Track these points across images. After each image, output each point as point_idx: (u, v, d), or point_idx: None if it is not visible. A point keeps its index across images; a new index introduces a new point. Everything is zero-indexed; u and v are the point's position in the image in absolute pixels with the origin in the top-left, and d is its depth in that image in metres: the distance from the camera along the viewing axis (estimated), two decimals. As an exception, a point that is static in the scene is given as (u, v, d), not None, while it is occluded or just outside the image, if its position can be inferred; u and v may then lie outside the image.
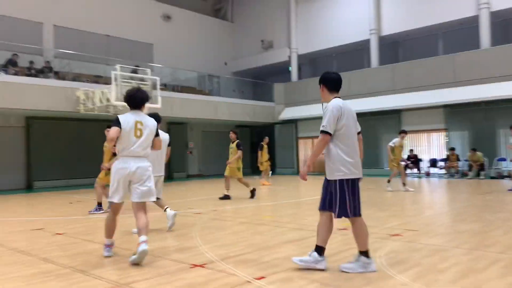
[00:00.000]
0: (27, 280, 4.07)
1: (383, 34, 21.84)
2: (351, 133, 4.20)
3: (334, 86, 4.36)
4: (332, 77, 4.39)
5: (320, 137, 4.13)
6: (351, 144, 4.18)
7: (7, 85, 14.93)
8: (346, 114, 4.17)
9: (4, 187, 16.96)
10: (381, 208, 8.67)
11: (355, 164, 4.16)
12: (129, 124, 4.80)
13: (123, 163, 4.80)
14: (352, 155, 4.16)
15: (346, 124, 4.14)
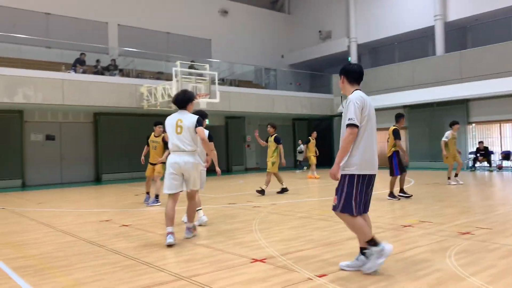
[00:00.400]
0: (96, 271, 4.25)
1: (449, 19, 20.65)
2: (371, 128, 3.98)
3: (356, 78, 4.13)
4: (353, 68, 4.16)
5: (348, 131, 3.86)
6: (370, 138, 3.96)
7: (76, 83, 15.81)
8: (368, 107, 3.95)
9: (76, 179, 18.06)
10: (449, 204, 8.22)
11: (370, 160, 3.94)
12: (171, 124, 5.48)
13: (172, 157, 5.45)
14: (368, 150, 3.94)
15: (367, 117, 3.94)
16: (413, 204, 8.51)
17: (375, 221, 6.50)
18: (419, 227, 6.00)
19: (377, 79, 22.58)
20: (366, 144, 3.92)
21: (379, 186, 11.74)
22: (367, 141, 3.94)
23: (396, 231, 5.75)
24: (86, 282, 3.87)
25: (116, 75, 17.87)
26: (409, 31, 22.27)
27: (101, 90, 16.34)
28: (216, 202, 9.73)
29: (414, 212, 7.37)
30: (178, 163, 5.38)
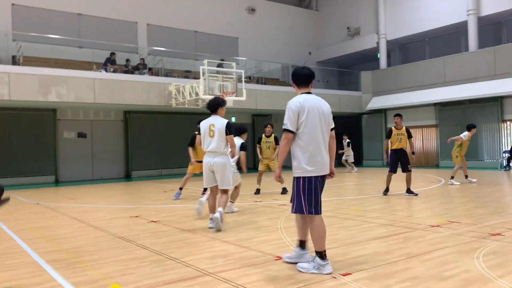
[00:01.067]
0: (126, 265, 4.38)
1: (483, 14, 20.01)
2: (313, 131, 4.01)
3: (303, 81, 4.21)
4: (298, 72, 4.25)
5: (283, 136, 4.02)
6: (313, 141, 4.00)
7: (107, 82, 16.21)
8: (308, 110, 4.00)
9: (106, 176, 18.54)
10: (480, 204, 8.02)
11: (315, 162, 3.99)
12: (204, 127, 6.21)
13: (206, 158, 6.23)
14: (313, 152, 3.99)
15: (306, 121, 3.99)
16: (443, 204, 8.35)
17: (403, 221, 6.44)
18: (447, 227, 5.89)
19: (407, 76, 22.18)
20: (309, 146, 4.00)
21: (399, 188, 11.56)
22: (311, 142, 4.00)
23: (423, 231, 5.67)
24: (115, 276, 4.00)
25: (145, 74, 18.22)
26: (441, 27, 21.72)
27: (131, 88, 16.70)
28: (242, 199, 9.80)
29: (443, 212, 7.23)
30: (210, 162, 6.15)
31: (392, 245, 4.94)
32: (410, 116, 22.14)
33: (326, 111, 4.15)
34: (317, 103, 4.10)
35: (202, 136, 6.22)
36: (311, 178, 3.99)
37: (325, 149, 4.10)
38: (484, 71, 18.85)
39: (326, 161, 4.09)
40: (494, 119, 18.71)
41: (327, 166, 4.10)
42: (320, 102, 4.15)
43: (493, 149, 18.84)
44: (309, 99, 4.08)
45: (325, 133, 4.11)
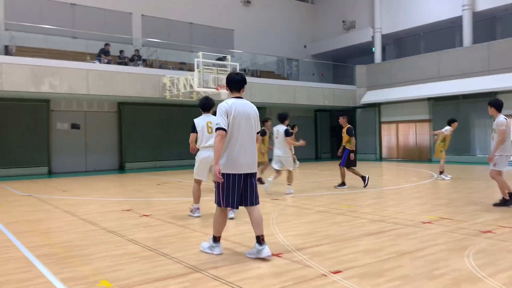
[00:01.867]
0: (116, 261, 4.36)
1: (478, 9, 19.99)
2: (238, 132, 4.35)
3: (234, 86, 4.53)
4: (230, 77, 4.58)
5: (216, 133, 4.31)
6: (237, 142, 4.34)
7: (101, 73, 16.08)
8: (235, 113, 4.34)
9: (100, 167, 18.47)
10: (472, 201, 8.07)
11: (235, 161, 4.33)
12: (201, 125, 6.61)
13: (204, 153, 6.65)
14: (237, 152, 4.33)
15: (232, 123, 4.33)
16: (434, 199, 8.39)
17: (395, 217, 6.46)
18: (438, 224, 5.92)
19: (402, 71, 22.18)
20: (233, 147, 4.34)
21: (392, 182, 11.65)
22: (235, 143, 4.34)
23: (414, 228, 5.69)
24: (105, 272, 3.98)
25: (139, 65, 18.08)
26: (436, 22, 21.70)
27: (125, 80, 16.58)
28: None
29: (435, 208, 7.27)
30: (210, 157, 6.46)
31: (383, 242, 4.96)
32: (404, 110, 22.21)
33: (253, 115, 4.48)
34: (244, 107, 4.44)
35: (200, 133, 6.60)
36: (229, 175, 4.34)
37: (250, 150, 4.43)
38: (478, 67, 18.89)
39: (250, 161, 4.43)
40: (487, 114, 18.67)
41: (250, 166, 4.44)
42: (247, 106, 4.48)
43: (486, 145, 18.94)
44: (237, 103, 4.41)
45: (251, 135, 4.46)
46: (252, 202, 4.47)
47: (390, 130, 23.15)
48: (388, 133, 23.28)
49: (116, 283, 3.66)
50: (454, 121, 12.23)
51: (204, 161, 6.65)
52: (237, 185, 4.37)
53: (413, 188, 10.37)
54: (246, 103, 4.50)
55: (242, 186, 4.40)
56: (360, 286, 3.47)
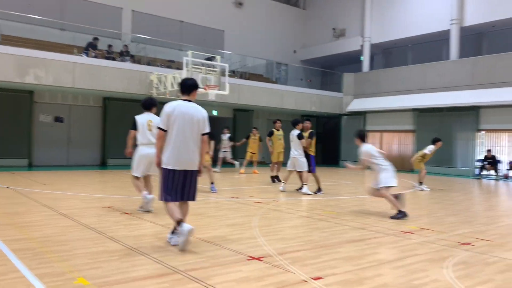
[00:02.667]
0: (95, 258, 4.29)
1: (466, 24, 20.37)
2: (179, 132, 4.73)
3: (183, 89, 4.96)
4: (182, 82, 5.03)
5: (157, 132, 4.87)
6: (177, 141, 4.73)
7: (87, 67, 15.87)
8: (177, 115, 4.73)
9: (82, 162, 18.20)
10: (452, 212, 8.17)
11: (174, 158, 4.74)
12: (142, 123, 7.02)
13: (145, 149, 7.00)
14: (177, 150, 4.74)
15: (173, 124, 4.72)
16: (416, 209, 8.47)
17: (376, 225, 6.50)
18: (419, 234, 5.97)
19: (388, 80, 22.43)
20: (174, 145, 4.74)
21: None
22: (175, 142, 4.73)
23: (395, 237, 5.73)
24: (82, 269, 3.90)
25: (127, 61, 17.90)
26: (424, 34, 22.02)
27: (111, 75, 16.40)
28: (219, 195, 9.76)
29: (416, 218, 7.34)
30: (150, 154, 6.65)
31: (364, 250, 4.98)
32: (389, 120, 22.45)
33: (197, 117, 4.82)
34: (188, 110, 4.80)
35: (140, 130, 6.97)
36: (170, 171, 4.75)
37: (190, 149, 4.78)
38: (463, 81, 19.22)
39: (191, 159, 4.80)
40: (469, 128, 19.11)
41: (190, 164, 4.80)
42: (192, 109, 4.82)
43: (467, 157, 19.26)
44: (182, 105, 4.80)
45: (193, 136, 4.80)
46: (188, 197, 4.89)
47: (375, 139, 23.33)
48: (373, 142, 23.44)
49: (93, 281, 3.59)
50: (439, 140, 12.34)
51: (143, 158, 6.96)
52: (177, 181, 4.76)
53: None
54: (191, 106, 4.85)
55: (182, 181, 4.79)
56: (340, 294, 3.47)
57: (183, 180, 4.80)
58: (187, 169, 4.80)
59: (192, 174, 4.84)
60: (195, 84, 4.98)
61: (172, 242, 4.88)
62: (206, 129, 4.91)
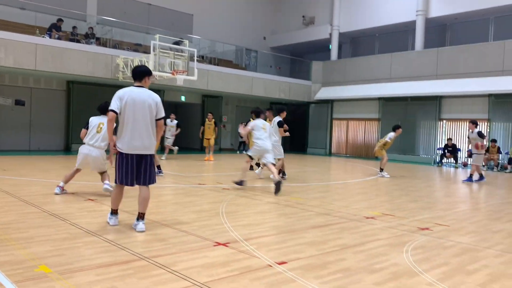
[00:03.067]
0: (57, 245, 4.21)
1: (431, 16, 20.86)
2: (131, 117, 4.81)
3: (135, 76, 5.03)
4: (134, 68, 5.15)
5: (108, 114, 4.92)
6: (128, 126, 4.82)
7: (51, 49, 15.31)
8: (128, 100, 4.80)
9: (45, 147, 17.67)
10: (413, 198, 8.46)
11: (128, 143, 4.82)
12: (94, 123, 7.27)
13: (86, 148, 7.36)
14: (130, 135, 4.82)
15: (124, 108, 4.81)
16: (378, 196, 8.72)
17: (340, 211, 6.66)
18: (381, 219, 6.16)
19: (355, 70, 22.76)
20: (126, 130, 4.83)
21: (339, 177, 11.97)
22: (127, 127, 4.82)
23: (358, 222, 5.90)
24: (44, 256, 3.83)
25: (92, 43, 17.38)
26: (391, 24, 22.41)
27: (76, 58, 15.89)
28: (187, 181, 9.72)
29: (378, 204, 7.56)
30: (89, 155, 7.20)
31: (328, 235, 5.10)
32: (355, 108, 22.84)
33: (149, 103, 4.86)
34: (140, 95, 4.85)
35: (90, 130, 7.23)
36: (123, 155, 4.86)
37: (143, 134, 4.86)
38: (427, 71, 19.74)
39: (143, 144, 4.87)
40: (432, 117, 19.72)
41: (143, 148, 4.88)
42: (144, 95, 4.87)
43: (429, 146, 19.90)
44: (134, 91, 4.88)
45: (146, 121, 4.86)
46: (144, 182, 4.94)
47: (341, 127, 23.75)
48: (339, 130, 23.88)
49: (55, 268, 3.54)
50: (399, 127, 12.70)
51: (82, 156, 7.24)
52: (131, 165, 4.85)
53: (359, 183, 10.72)
54: (143, 92, 4.90)
55: (136, 166, 4.88)
56: (303, 278, 3.56)
57: (137, 165, 4.89)
58: (141, 153, 4.88)
59: (146, 158, 4.93)
60: (147, 71, 5.04)
61: (137, 228, 4.90)
62: (160, 114, 4.97)
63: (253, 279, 3.48)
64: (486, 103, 18.06)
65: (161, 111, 4.97)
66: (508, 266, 4.15)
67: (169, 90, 20.46)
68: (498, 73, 17.53)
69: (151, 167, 4.97)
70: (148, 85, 5.09)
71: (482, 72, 17.90)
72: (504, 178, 14.14)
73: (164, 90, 20.51)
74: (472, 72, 18.22)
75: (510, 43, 17.48)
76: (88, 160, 7.19)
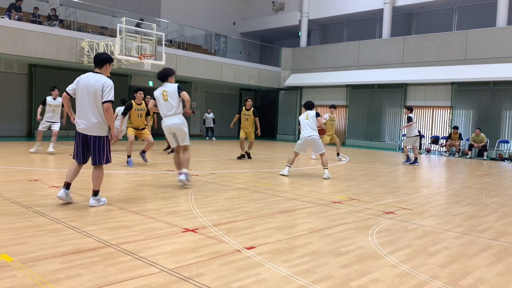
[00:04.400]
0: (19, 233, 4.08)
1: (398, 4, 21.22)
2: (79, 99, 5.34)
3: (95, 63, 5.46)
4: (95, 56, 5.53)
5: None
6: (78, 108, 5.34)
7: (10, 31, 14.68)
8: (79, 84, 5.32)
9: (5, 133, 17.03)
10: (378, 183, 8.67)
11: (77, 122, 5.32)
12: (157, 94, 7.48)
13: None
14: (78, 115, 5.32)
15: (76, 92, 5.36)
16: (345, 181, 8.89)
17: (308, 196, 6.75)
18: (347, 204, 6.30)
19: (324, 57, 22.94)
20: (77, 110, 5.36)
21: (307, 163, 12.12)
22: (77, 108, 5.34)
23: (325, 207, 6.00)
24: (5, 245, 3.71)
25: (55, 26, 16.75)
26: (359, 12, 22.66)
27: (38, 40, 15.30)
28: (156, 168, 9.61)
29: (345, 189, 7.71)
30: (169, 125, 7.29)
31: (296, 220, 5.17)
32: (323, 95, 23.08)
33: (94, 87, 5.21)
34: (89, 80, 5.26)
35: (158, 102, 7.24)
36: (75, 132, 5.39)
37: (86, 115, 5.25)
38: (394, 59, 20.13)
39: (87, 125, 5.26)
40: (397, 104, 20.18)
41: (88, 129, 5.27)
42: (92, 80, 5.25)
43: (394, 132, 20.40)
44: (86, 76, 5.32)
45: (90, 103, 5.25)
46: (94, 162, 5.36)
47: (310, 113, 23.94)
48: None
49: (17, 257, 3.44)
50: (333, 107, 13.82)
51: (166, 129, 7.21)
52: (79, 143, 5.33)
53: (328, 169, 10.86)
54: (92, 77, 5.28)
55: (82, 145, 5.33)
56: (272, 262, 3.60)
57: (83, 144, 5.33)
58: (85, 133, 5.27)
59: (91, 139, 5.28)
60: (108, 58, 5.44)
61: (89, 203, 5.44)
62: (105, 97, 5.22)
63: (221, 264, 3.50)
64: (449, 91, 18.63)
65: (107, 94, 5.22)
66: (467, 247, 4.33)
67: (136, 75, 20.04)
68: (461, 61, 18.08)
69: (99, 148, 5.29)
70: (109, 71, 5.46)
71: (446, 60, 18.42)
72: (465, 163, 14.68)
73: (131, 75, 20.08)
74: (436, 60, 18.71)
75: (473, 33, 18.02)
76: (173, 130, 7.12)
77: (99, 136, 5.29)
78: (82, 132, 5.29)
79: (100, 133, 5.30)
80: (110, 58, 5.47)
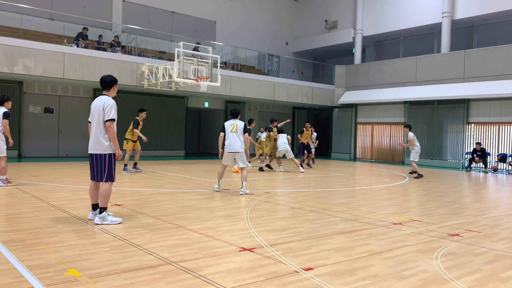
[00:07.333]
0: (86, 250, 4.26)
1: (457, 17, 20.45)
2: (91, 122, 5.62)
3: (102, 86, 5.69)
4: (101, 79, 5.71)
5: None
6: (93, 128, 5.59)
7: (77, 58, 15.69)
8: (91, 107, 5.64)
9: (72, 154, 18.09)
10: (441, 204, 8.26)
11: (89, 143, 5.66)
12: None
13: None
14: (91, 136, 5.61)
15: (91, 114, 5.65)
16: (406, 201, 8.55)
17: (367, 217, 6.55)
18: (409, 225, 6.04)
19: (380, 73, 22.50)
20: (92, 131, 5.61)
21: (365, 182, 11.80)
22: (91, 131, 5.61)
23: (386, 228, 5.79)
24: (74, 260, 3.89)
25: (118, 51, 17.74)
26: (416, 27, 22.07)
27: (102, 66, 16.24)
28: (210, 187, 9.76)
29: (406, 210, 7.41)
30: None
31: (355, 241, 5.02)
32: (379, 112, 22.56)
33: (99, 107, 5.48)
34: (96, 102, 5.57)
35: None
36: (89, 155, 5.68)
37: (96, 135, 5.52)
38: (454, 73, 19.33)
39: (93, 145, 5.57)
40: (459, 120, 19.28)
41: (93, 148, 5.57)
42: (98, 101, 5.54)
43: (457, 150, 19.45)
44: (95, 100, 5.64)
45: (98, 124, 5.51)
46: (97, 178, 5.60)
47: (365, 131, 23.47)
48: (363, 134, 23.60)
49: (84, 272, 3.59)
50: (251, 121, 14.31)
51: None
52: (90, 162, 5.64)
53: (385, 189, 10.54)
54: (100, 99, 5.57)
55: (90, 163, 5.64)
56: (331, 284, 3.50)
57: (91, 163, 5.63)
58: (91, 152, 5.59)
59: (96, 157, 5.57)
60: (114, 80, 5.71)
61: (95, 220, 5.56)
62: (106, 116, 5.46)
63: (280, 285, 3.45)
64: (516, 105, 17.55)
65: (108, 113, 5.46)
66: (545, 274, 3.99)
67: (193, 97, 20.66)
68: (529, 74, 17.03)
69: (100, 165, 5.54)
70: (115, 91, 5.78)
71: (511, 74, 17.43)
72: (536, 182, 13.66)
73: (188, 97, 20.74)
74: (501, 74, 17.76)
75: (541, 44, 16.96)
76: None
77: (99, 154, 5.53)
78: (89, 152, 5.63)
79: (101, 151, 5.52)
80: (115, 80, 5.75)
